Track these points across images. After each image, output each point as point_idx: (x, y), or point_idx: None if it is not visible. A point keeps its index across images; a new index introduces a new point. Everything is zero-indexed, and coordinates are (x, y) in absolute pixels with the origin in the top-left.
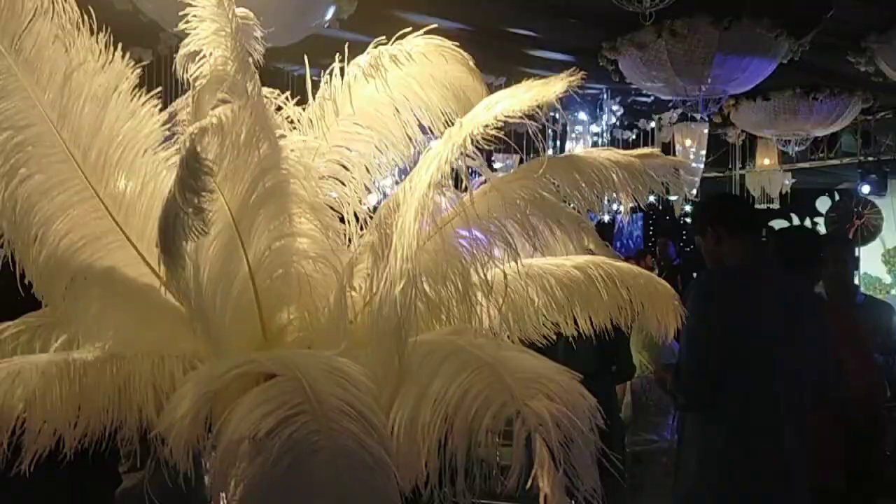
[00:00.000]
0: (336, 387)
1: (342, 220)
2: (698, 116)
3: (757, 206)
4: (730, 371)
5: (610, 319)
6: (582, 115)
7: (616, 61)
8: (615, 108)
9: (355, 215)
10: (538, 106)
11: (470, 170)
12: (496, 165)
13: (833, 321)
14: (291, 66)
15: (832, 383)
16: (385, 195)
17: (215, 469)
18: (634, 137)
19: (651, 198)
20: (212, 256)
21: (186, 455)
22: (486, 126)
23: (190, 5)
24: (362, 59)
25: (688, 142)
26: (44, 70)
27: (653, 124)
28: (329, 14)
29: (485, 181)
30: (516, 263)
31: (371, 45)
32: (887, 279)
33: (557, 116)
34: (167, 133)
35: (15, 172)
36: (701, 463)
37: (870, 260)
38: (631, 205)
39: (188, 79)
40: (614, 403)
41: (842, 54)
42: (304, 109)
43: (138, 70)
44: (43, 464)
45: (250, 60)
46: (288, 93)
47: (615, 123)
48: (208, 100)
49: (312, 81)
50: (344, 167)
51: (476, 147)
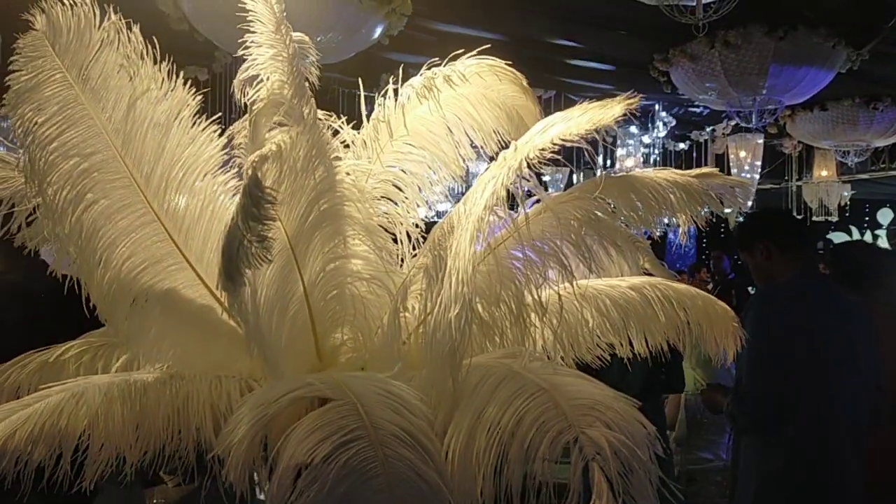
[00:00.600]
0: (391, 412)
1: (395, 240)
2: (753, 127)
3: (815, 219)
4: (791, 392)
5: (667, 340)
6: (633, 129)
7: (668, 73)
8: (667, 120)
9: (408, 235)
10: (594, 129)
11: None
12: (545, 178)
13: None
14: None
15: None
16: (437, 213)
17: (272, 494)
18: (687, 149)
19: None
20: (268, 279)
21: (244, 477)
22: (542, 150)
23: (248, 31)
24: (416, 81)
25: (742, 153)
26: (109, 98)
27: (706, 135)
28: (379, 32)
29: (538, 201)
30: (571, 284)
31: (424, 67)
32: None
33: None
34: (225, 157)
35: (81, 198)
36: (760, 486)
37: None
38: (689, 226)
39: (245, 102)
40: (662, 419)
41: None
42: (359, 131)
43: (199, 97)
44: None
45: (306, 84)
46: (343, 118)
47: (667, 135)
48: (265, 123)
49: (363, 98)
50: (397, 187)
51: (531, 169)
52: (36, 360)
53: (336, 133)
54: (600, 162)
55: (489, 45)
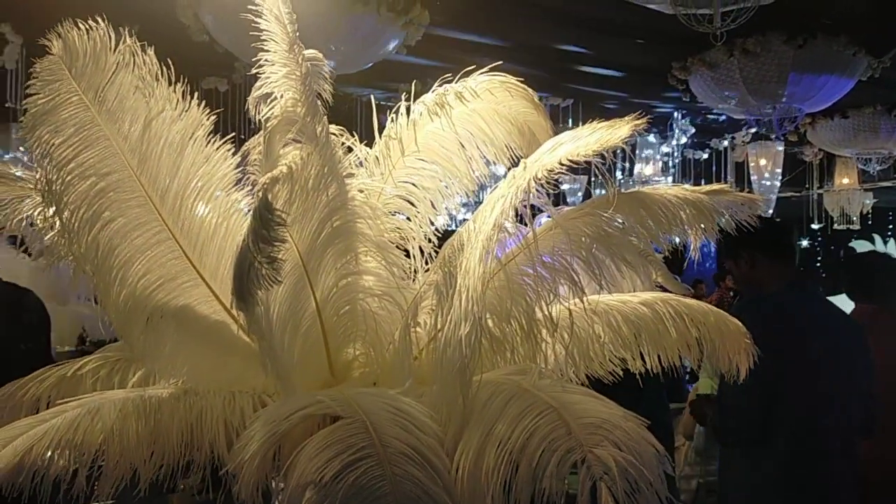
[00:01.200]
0: (400, 430)
1: (407, 255)
2: (773, 135)
3: (837, 227)
4: (776, 404)
5: (679, 356)
6: (651, 138)
7: (687, 81)
8: (686, 128)
9: (420, 250)
10: (602, 150)
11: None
12: (563, 187)
13: None
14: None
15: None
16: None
17: None
18: (706, 157)
19: None
20: (281, 295)
21: (255, 492)
22: (550, 170)
23: (263, 50)
24: (428, 98)
25: (762, 161)
26: (125, 119)
27: (725, 143)
28: (396, 42)
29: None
30: (581, 300)
31: (436, 84)
32: None
33: None
34: (239, 174)
35: (98, 217)
36: (749, 499)
37: None
38: (700, 243)
39: (260, 119)
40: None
41: None
42: (372, 146)
43: (213, 117)
44: None
45: (319, 103)
46: (359, 128)
47: (686, 143)
48: (279, 139)
49: (377, 105)
50: (409, 202)
51: (542, 186)
52: (55, 375)
53: (350, 150)
54: (619, 171)
55: (502, 62)
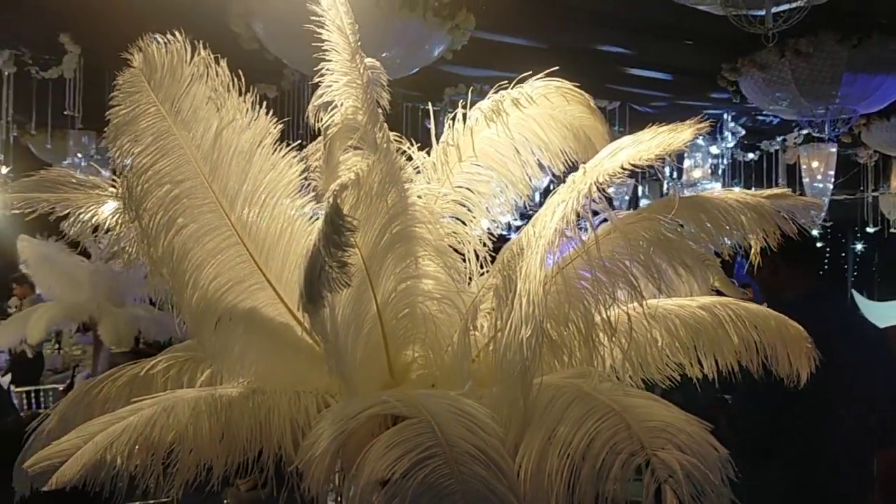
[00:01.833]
0: (464, 430)
1: (463, 259)
2: (826, 137)
3: (893, 230)
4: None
5: (738, 361)
6: (700, 140)
7: (737, 83)
8: (736, 130)
9: (476, 254)
10: (665, 154)
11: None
12: (609, 190)
13: None
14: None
15: None
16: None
17: None
18: (756, 159)
19: None
20: (345, 299)
21: (324, 489)
22: (612, 174)
23: (323, 59)
24: (484, 104)
25: (814, 163)
26: (198, 129)
27: (776, 145)
28: (442, 48)
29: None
30: (640, 304)
31: (492, 90)
32: None
33: None
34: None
35: (173, 223)
36: None
37: None
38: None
39: (318, 126)
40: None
41: None
42: (426, 151)
43: (280, 125)
44: None
45: (379, 110)
46: (406, 132)
47: (736, 145)
48: (339, 146)
49: (423, 109)
50: (466, 208)
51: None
52: (127, 374)
53: (410, 158)
54: (667, 174)
55: (557, 67)
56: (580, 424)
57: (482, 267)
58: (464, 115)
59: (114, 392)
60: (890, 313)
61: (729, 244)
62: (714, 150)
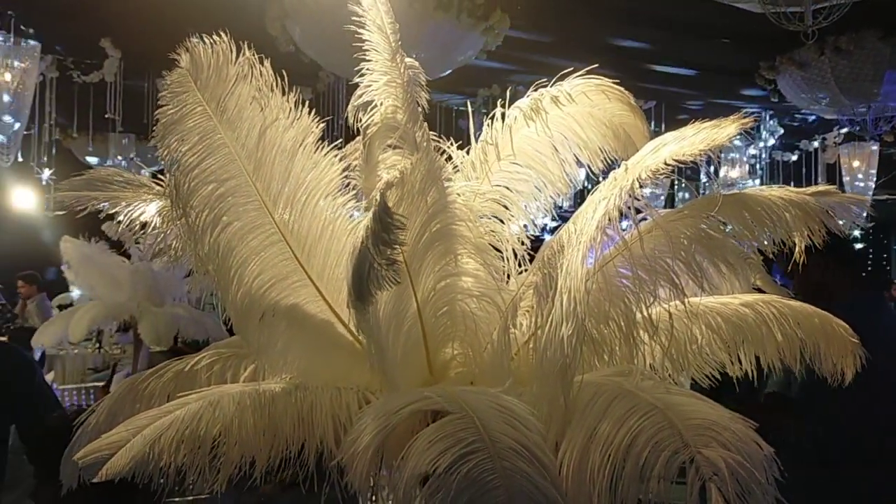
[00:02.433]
0: (506, 425)
1: (501, 257)
2: (867, 136)
3: None
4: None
5: (780, 359)
6: (737, 140)
7: (775, 81)
8: (775, 129)
9: (514, 252)
10: (708, 150)
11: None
12: (645, 192)
13: None
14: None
15: None
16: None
17: (397, 501)
18: (795, 159)
19: None
20: (386, 296)
21: (367, 482)
22: (655, 171)
23: (363, 59)
24: (523, 102)
25: (855, 163)
26: (243, 128)
27: (815, 144)
28: (476, 48)
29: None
30: (682, 302)
31: (531, 88)
32: None
33: None
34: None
35: (218, 221)
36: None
37: None
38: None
39: (357, 125)
40: None
41: None
42: (465, 150)
43: (322, 124)
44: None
45: (419, 109)
46: (440, 131)
47: (774, 145)
48: (378, 145)
49: (458, 110)
50: (504, 206)
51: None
52: (172, 370)
53: (449, 158)
54: (705, 174)
55: (597, 65)
56: (622, 422)
57: (520, 265)
58: (502, 114)
59: (159, 388)
60: None
61: (773, 242)
62: (752, 151)
